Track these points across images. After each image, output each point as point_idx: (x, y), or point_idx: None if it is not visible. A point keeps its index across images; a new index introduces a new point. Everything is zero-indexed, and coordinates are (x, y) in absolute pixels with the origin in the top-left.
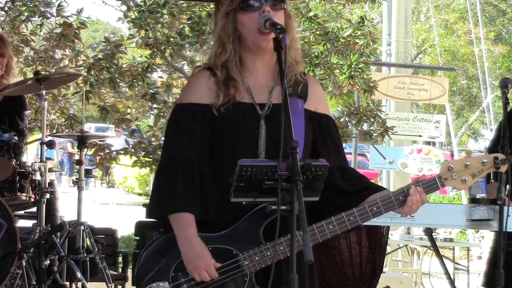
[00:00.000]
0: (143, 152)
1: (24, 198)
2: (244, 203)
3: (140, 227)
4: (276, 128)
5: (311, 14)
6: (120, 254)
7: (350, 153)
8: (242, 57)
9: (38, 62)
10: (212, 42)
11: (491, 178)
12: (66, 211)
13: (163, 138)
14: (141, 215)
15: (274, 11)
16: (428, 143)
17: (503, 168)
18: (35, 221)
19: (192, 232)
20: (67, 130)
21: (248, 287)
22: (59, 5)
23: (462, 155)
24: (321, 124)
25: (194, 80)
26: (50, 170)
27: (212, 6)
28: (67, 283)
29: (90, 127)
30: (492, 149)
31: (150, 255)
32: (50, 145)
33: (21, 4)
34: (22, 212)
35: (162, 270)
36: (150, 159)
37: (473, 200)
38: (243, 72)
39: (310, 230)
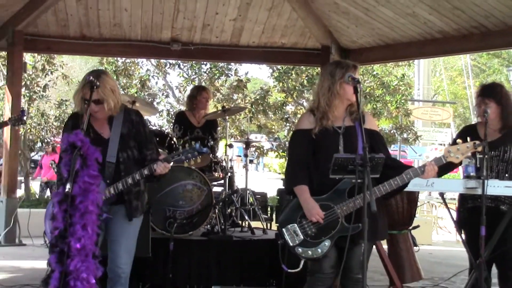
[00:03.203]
0: (281, 150)
1: (216, 175)
2: (337, 178)
3: (279, 192)
4: (348, 140)
5: (374, 73)
6: (269, 207)
7: (396, 150)
8: (332, 102)
9: (223, 101)
10: (315, 92)
11: (478, 164)
12: (240, 182)
13: None
14: (280, 185)
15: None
16: (441, 144)
17: (479, 148)
18: (222, 188)
19: (307, 196)
20: (239, 138)
21: (341, 224)
22: (235, 70)
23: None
24: (373, 135)
25: (301, 117)
26: (231, 160)
27: (319, 68)
28: (240, 222)
29: (261, 138)
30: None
31: (286, 210)
32: (230, 146)
33: (215, 69)
34: (215, 183)
35: (293, 217)
36: (285, 154)
37: (467, 177)
38: (331, 109)
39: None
